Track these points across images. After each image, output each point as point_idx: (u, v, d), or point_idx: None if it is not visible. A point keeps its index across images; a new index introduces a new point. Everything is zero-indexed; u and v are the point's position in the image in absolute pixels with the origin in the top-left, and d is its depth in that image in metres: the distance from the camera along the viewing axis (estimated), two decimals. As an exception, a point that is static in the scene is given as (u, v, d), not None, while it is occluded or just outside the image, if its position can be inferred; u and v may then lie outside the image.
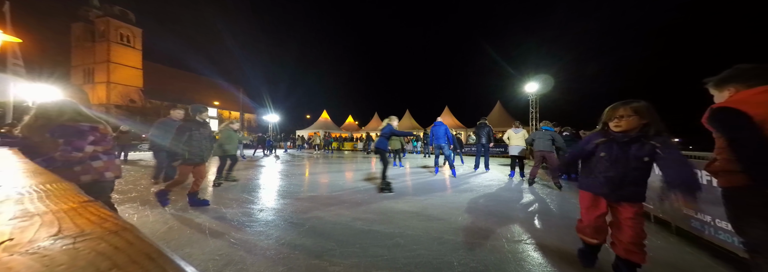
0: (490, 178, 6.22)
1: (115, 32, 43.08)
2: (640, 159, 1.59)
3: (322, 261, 1.98)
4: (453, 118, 23.71)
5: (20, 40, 5.52)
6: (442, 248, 2.21)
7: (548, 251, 2.19)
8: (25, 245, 0.28)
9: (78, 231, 0.32)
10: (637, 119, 1.58)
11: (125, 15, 44.98)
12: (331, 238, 2.41)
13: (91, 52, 42.97)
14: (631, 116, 1.59)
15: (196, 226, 2.72)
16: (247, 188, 4.75)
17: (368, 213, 3.21)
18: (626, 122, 1.61)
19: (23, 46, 6.06)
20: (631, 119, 1.59)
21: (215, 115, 43.64)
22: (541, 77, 12.95)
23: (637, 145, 1.61)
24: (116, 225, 0.34)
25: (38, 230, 0.32)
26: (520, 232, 2.61)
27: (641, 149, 1.59)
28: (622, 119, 1.62)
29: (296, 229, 2.65)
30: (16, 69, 5.89)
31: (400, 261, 1.98)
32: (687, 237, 2.50)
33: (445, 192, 4.53)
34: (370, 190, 4.67)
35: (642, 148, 1.58)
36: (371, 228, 2.70)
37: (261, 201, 3.82)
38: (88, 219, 0.36)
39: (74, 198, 0.45)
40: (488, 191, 4.65)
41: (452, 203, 3.76)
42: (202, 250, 2.16)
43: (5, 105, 5.68)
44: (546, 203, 3.81)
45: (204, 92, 54.45)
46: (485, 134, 7.33)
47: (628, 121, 1.60)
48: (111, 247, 0.28)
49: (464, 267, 1.89)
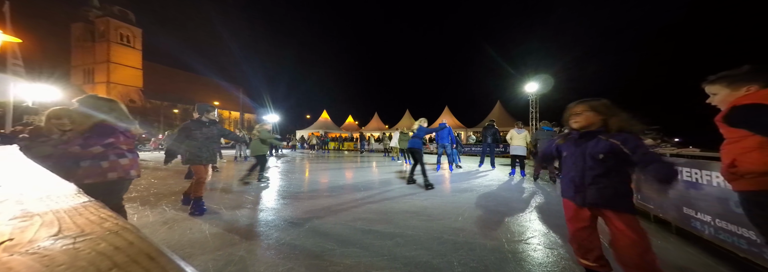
0: (490, 178, 6.22)
1: (115, 32, 43.09)
2: (595, 157, 1.49)
3: (322, 261, 1.98)
4: (453, 118, 23.72)
5: (20, 40, 5.52)
6: (442, 248, 2.21)
7: (548, 251, 2.19)
8: (25, 245, 0.28)
9: (78, 231, 0.32)
10: (594, 115, 1.54)
11: (125, 15, 44.99)
12: (331, 238, 2.41)
13: (91, 52, 42.97)
14: (586, 112, 1.56)
15: (196, 226, 2.72)
16: (247, 189, 4.75)
17: (368, 213, 3.21)
18: (583, 117, 1.56)
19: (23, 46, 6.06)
20: (588, 115, 1.55)
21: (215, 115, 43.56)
22: (541, 77, 12.96)
23: (593, 141, 1.54)
24: (116, 225, 0.34)
25: (38, 230, 0.32)
26: (520, 232, 2.61)
27: (596, 146, 1.51)
28: (579, 116, 1.58)
29: (296, 229, 2.65)
30: (15, 69, 5.89)
31: (400, 261, 1.98)
32: (687, 237, 2.50)
33: (445, 192, 4.53)
34: (370, 190, 4.67)
35: (597, 145, 1.51)
36: (371, 228, 2.70)
37: (261, 201, 3.82)
38: (88, 219, 0.36)
39: (74, 198, 0.45)
40: (488, 191, 4.65)
41: (452, 203, 3.76)
42: (203, 250, 2.16)
43: (5, 105, 5.68)
44: (546, 203, 3.81)
45: (204, 92, 54.45)
46: (491, 135, 7.71)
47: (585, 117, 1.56)
48: (111, 247, 0.28)
49: (464, 267, 1.89)
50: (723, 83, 1.42)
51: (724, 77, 1.42)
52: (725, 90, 1.41)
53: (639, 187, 3.21)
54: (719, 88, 1.43)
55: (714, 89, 1.46)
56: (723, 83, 1.42)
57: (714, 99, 1.48)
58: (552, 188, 5.01)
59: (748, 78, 1.33)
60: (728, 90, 1.40)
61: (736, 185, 1.36)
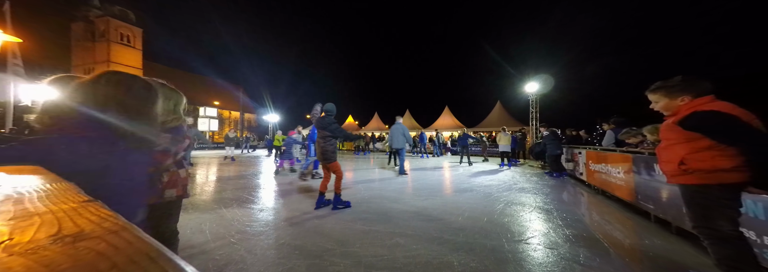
0: (490, 178, 6.23)
1: (115, 32, 43.10)
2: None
3: (322, 261, 1.98)
4: (453, 118, 23.68)
5: (20, 40, 5.51)
6: (442, 248, 2.21)
7: (548, 251, 2.19)
8: (25, 245, 0.28)
9: (78, 231, 0.32)
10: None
11: (125, 15, 44.98)
12: (331, 238, 2.41)
13: (91, 51, 42.99)
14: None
15: (196, 226, 2.72)
16: (247, 188, 4.75)
17: (368, 213, 3.21)
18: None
19: (23, 46, 6.04)
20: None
21: (215, 115, 43.61)
22: (541, 77, 12.93)
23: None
24: (116, 225, 0.34)
25: (38, 230, 0.32)
26: (520, 232, 2.61)
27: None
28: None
29: (296, 229, 2.65)
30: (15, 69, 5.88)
31: (400, 261, 1.98)
32: (687, 237, 2.50)
33: (444, 192, 4.53)
34: (370, 190, 4.67)
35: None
36: (371, 228, 2.70)
37: (261, 201, 3.82)
38: (88, 219, 0.36)
39: (74, 198, 0.45)
40: (488, 191, 4.65)
41: (452, 203, 3.76)
42: (202, 250, 2.16)
43: (5, 105, 5.67)
44: (546, 203, 3.81)
45: (204, 91, 54.46)
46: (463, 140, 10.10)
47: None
48: (111, 247, 0.28)
49: (464, 267, 1.89)
50: (661, 93, 1.61)
51: (661, 87, 1.61)
52: (665, 99, 1.61)
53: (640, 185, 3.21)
54: (659, 97, 1.63)
55: (655, 97, 1.66)
56: (661, 93, 1.61)
57: (655, 106, 1.68)
58: (551, 188, 5.01)
59: (681, 89, 1.54)
60: (667, 99, 1.60)
61: (683, 180, 1.53)
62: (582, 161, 5.62)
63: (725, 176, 1.40)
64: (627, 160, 3.61)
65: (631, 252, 2.22)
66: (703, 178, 1.46)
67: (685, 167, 1.49)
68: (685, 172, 1.50)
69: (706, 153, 1.43)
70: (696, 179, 1.48)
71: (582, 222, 2.98)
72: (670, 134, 1.60)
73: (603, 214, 3.36)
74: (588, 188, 5.08)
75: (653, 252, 2.22)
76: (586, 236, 2.52)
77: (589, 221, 3.06)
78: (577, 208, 3.61)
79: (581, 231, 2.66)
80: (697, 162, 1.46)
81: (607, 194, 4.30)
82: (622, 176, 3.74)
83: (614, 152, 4.16)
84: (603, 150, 4.68)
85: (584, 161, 5.45)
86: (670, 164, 1.58)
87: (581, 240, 2.40)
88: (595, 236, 2.53)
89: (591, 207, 3.76)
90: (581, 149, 5.81)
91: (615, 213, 3.38)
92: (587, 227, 2.80)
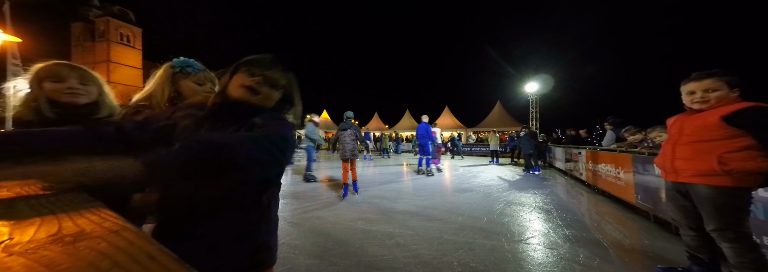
0: (489, 178, 6.23)
1: (115, 32, 43.05)
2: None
3: (322, 260, 1.98)
4: (453, 118, 23.69)
5: (20, 40, 5.51)
6: (442, 248, 2.21)
7: (548, 251, 2.19)
8: (25, 245, 0.28)
9: (78, 231, 0.32)
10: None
11: (125, 14, 44.93)
12: (331, 238, 2.41)
13: (91, 51, 42.94)
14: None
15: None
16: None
17: (368, 213, 3.21)
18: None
19: (23, 46, 6.04)
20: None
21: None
22: (541, 77, 12.94)
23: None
24: (117, 225, 0.34)
25: (38, 230, 0.32)
26: (520, 232, 2.61)
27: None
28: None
29: (296, 229, 2.65)
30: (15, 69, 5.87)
31: (400, 261, 1.98)
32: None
33: (444, 192, 4.53)
34: (370, 190, 4.67)
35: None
36: (371, 227, 2.70)
37: (261, 201, 3.82)
38: (88, 219, 0.36)
39: (74, 198, 0.45)
40: (488, 191, 4.65)
41: (452, 203, 3.76)
42: (202, 250, 2.15)
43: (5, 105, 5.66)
44: (545, 203, 3.81)
45: (204, 91, 54.35)
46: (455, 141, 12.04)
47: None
48: (111, 247, 0.28)
49: (464, 267, 1.89)
50: (725, 80, 1.44)
51: (725, 75, 1.45)
52: (726, 88, 1.44)
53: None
54: (721, 84, 1.45)
55: (716, 84, 1.45)
56: (725, 80, 1.44)
57: (707, 95, 1.47)
58: (551, 188, 5.01)
59: (737, 82, 1.44)
60: (728, 89, 1.44)
61: (715, 181, 1.41)
62: (582, 161, 5.62)
63: (758, 179, 1.34)
64: (627, 160, 3.61)
65: (631, 252, 2.22)
66: (740, 180, 1.36)
67: (726, 168, 1.36)
68: (722, 172, 1.37)
69: (746, 153, 1.33)
70: (733, 181, 1.37)
71: (582, 222, 2.98)
72: (701, 130, 1.47)
73: (603, 214, 3.36)
74: (587, 188, 5.08)
75: (653, 252, 2.22)
76: (586, 236, 2.52)
77: (589, 221, 3.06)
78: (576, 208, 3.61)
79: (581, 231, 2.66)
80: (739, 162, 1.34)
81: (607, 194, 4.30)
82: (622, 176, 3.74)
83: (614, 152, 4.16)
84: (603, 150, 4.68)
85: (584, 161, 5.45)
86: (699, 162, 1.45)
87: (581, 240, 2.40)
88: (595, 236, 2.52)
89: (591, 206, 3.76)
90: (581, 149, 5.81)
91: (615, 213, 3.37)
92: (587, 227, 2.80)
